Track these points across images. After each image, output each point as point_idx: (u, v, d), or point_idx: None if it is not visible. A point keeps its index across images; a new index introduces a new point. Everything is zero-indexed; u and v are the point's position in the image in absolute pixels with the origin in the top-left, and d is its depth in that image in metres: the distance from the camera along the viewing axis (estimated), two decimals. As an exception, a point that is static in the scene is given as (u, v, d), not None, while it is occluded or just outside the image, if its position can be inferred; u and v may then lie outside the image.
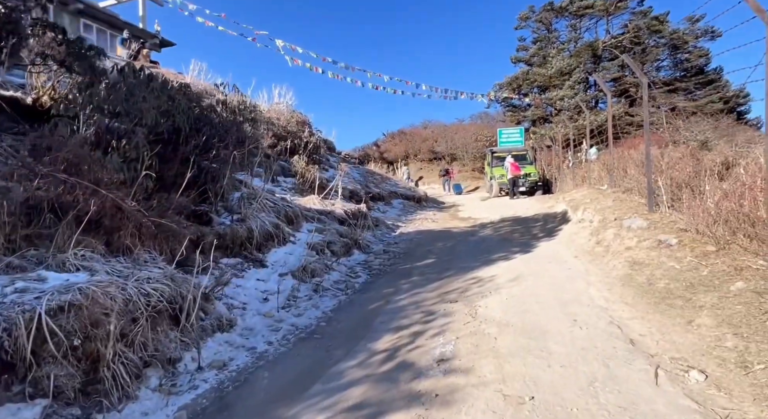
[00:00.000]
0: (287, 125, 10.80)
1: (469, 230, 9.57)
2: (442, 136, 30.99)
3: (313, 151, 11.16)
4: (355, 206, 9.11)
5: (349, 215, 8.56)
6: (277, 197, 7.27)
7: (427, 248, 7.50)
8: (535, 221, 9.69)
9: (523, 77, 31.28)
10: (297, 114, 11.60)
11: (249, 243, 5.35)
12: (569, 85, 29.10)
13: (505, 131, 23.24)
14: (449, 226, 10.45)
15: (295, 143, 10.34)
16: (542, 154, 22.33)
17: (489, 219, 11.07)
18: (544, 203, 12.33)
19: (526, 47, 33.06)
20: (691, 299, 3.49)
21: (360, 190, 11.10)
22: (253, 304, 4.28)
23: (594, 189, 9.57)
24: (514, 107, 33.65)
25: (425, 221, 11.19)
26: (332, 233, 6.78)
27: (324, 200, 8.61)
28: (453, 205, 16.66)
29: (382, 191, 13.28)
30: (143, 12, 24.72)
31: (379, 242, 8.09)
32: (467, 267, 5.75)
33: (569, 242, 6.74)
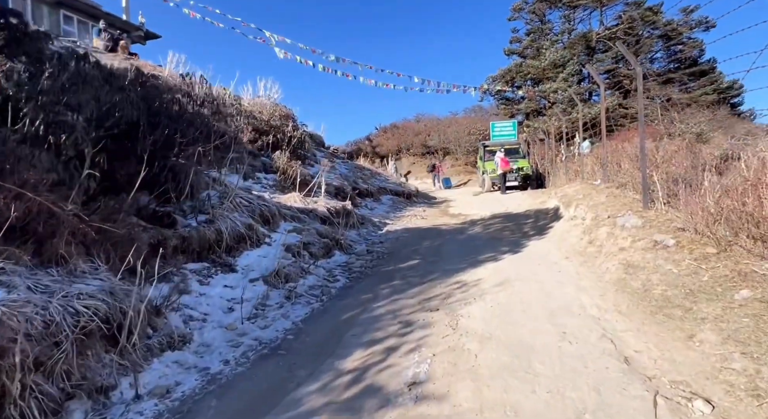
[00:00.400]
0: (270, 119, 10.37)
1: (459, 227, 9.24)
2: (435, 130, 30.59)
3: (297, 146, 10.75)
4: (340, 204, 8.73)
5: (333, 213, 8.19)
6: (254, 195, 6.88)
7: (413, 248, 7.16)
8: (526, 217, 9.38)
9: (517, 69, 30.89)
10: (280, 107, 11.16)
11: (217, 246, 4.97)
12: (563, 77, 28.75)
13: (498, 125, 22.88)
14: (438, 223, 10.12)
15: (278, 138, 9.92)
16: (536, 147, 22.03)
17: (479, 216, 10.74)
18: (537, 199, 12.01)
19: (520, 39, 32.64)
20: (692, 309, 3.17)
21: (346, 186, 10.72)
22: (216, 315, 3.92)
23: (587, 184, 9.26)
24: (508, 100, 33.29)
25: (414, 218, 10.84)
26: (312, 234, 6.41)
27: (306, 198, 8.23)
28: (444, 200, 16.33)
29: (371, 187, 12.90)
30: (126, 3, 24.03)
31: (364, 241, 7.73)
32: (453, 270, 5.42)
33: (560, 241, 6.42)
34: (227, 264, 4.89)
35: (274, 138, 9.74)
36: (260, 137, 9.59)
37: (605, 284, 4.20)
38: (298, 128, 11.24)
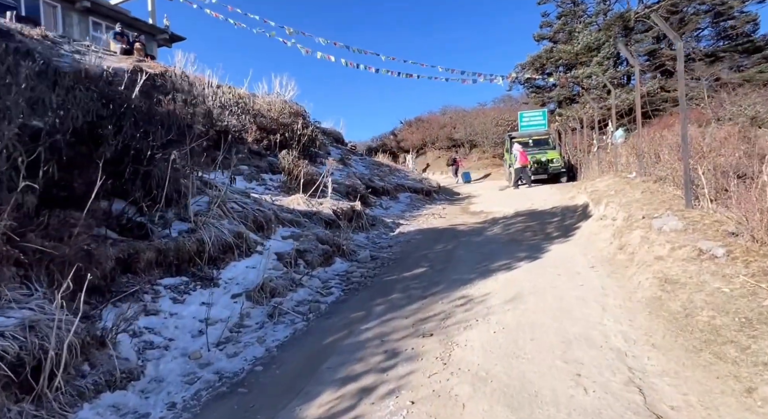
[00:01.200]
0: (279, 116, 10.00)
1: (477, 227, 8.56)
2: (461, 122, 29.57)
3: (307, 144, 10.34)
4: (348, 205, 8.25)
5: (339, 215, 7.72)
6: (250, 198, 6.49)
7: (423, 253, 6.58)
8: (552, 215, 8.57)
9: (547, 55, 29.30)
10: (290, 104, 10.78)
11: (199, 258, 4.59)
12: (597, 61, 26.98)
13: (527, 114, 21.70)
14: (456, 222, 9.45)
15: (286, 137, 9.54)
16: (567, 137, 20.74)
17: (502, 213, 9.99)
18: (566, 194, 11.10)
19: (550, 23, 30.94)
20: (749, 347, 2.46)
21: (359, 185, 10.23)
22: (182, 340, 3.52)
23: (620, 178, 8.33)
24: (538, 88, 31.72)
25: (431, 218, 10.22)
26: (310, 239, 5.95)
27: (312, 199, 7.79)
28: (467, 196, 15.56)
29: (388, 184, 12.36)
30: (152, 7, 24.44)
31: (371, 245, 7.21)
32: (460, 280, 4.81)
33: (587, 245, 5.65)
34: (209, 278, 4.50)
35: (281, 137, 9.37)
36: (267, 136, 9.23)
37: (636, 304, 3.48)
38: (308, 125, 10.82)
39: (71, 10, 20.22)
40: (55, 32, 16.13)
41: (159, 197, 4.41)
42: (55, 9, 19.95)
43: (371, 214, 9.12)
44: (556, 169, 16.25)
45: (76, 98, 3.48)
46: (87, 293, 3.52)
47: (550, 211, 9.11)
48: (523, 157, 15.95)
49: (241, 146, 8.44)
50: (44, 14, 19.23)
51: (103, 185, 3.80)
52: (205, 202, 5.48)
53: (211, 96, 8.61)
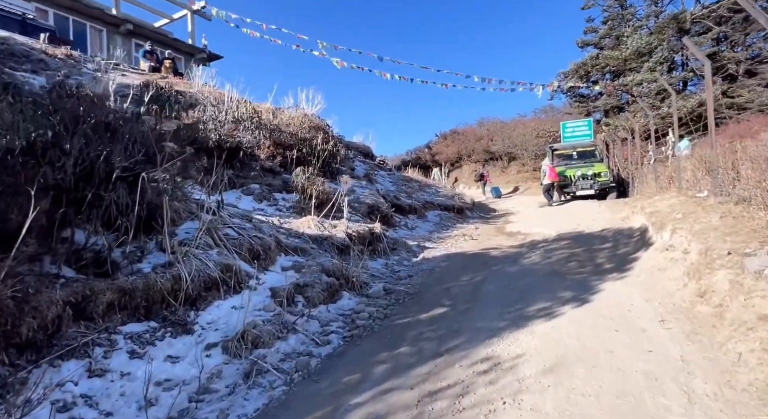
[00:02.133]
0: (298, 131, 9.45)
1: (512, 253, 7.49)
2: (499, 134, 28.29)
3: (329, 159, 9.70)
4: (366, 227, 7.46)
5: (354, 239, 6.94)
6: (253, 222, 5.84)
7: (446, 286, 5.63)
8: (601, 240, 7.36)
9: (592, 62, 27.56)
10: (311, 118, 10.22)
11: (174, 298, 3.92)
12: (649, 66, 25.00)
13: (570, 125, 20.20)
14: (489, 246, 8.41)
15: (304, 152, 8.93)
16: (616, 149, 19.06)
17: (542, 236, 8.85)
18: (617, 213, 9.77)
19: (595, 29, 29.23)
20: None
21: (382, 203, 9.43)
22: (124, 414, 2.80)
23: (687, 197, 7.03)
24: (582, 97, 29.91)
25: (461, 240, 9.22)
26: (314, 271, 5.18)
27: (325, 221, 7.07)
28: (504, 214, 14.37)
29: (416, 201, 11.49)
30: (192, 28, 25.21)
31: (387, 275, 6.35)
32: (486, 330, 3.86)
33: (650, 286, 4.51)
34: (182, 322, 3.80)
35: (299, 152, 8.77)
36: (283, 152, 8.66)
37: (742, 396, 2.41)
38: (330, 139, 10.20)
39: (115, 34, 21.14)
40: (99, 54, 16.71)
41: (126, 225, 3.80)
42: (100, 33, 20.89)
43: (393, 236, 8.28)
44: (605, 184, 14.76)
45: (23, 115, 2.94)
46: (18, 351, 2.90)
47: (599, 235, 7.89)
48: (552, 173, 15.13)
49: (254, 163, 7.90)
50: (90, 38, 20.18)
51: (53, 213, 3.21)
52: (197, 228, 4.86)
53: (225, 111, 8.18)
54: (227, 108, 8.32)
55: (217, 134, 7.47)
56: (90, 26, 20.34)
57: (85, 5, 19.72)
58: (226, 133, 7.51)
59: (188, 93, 9.42)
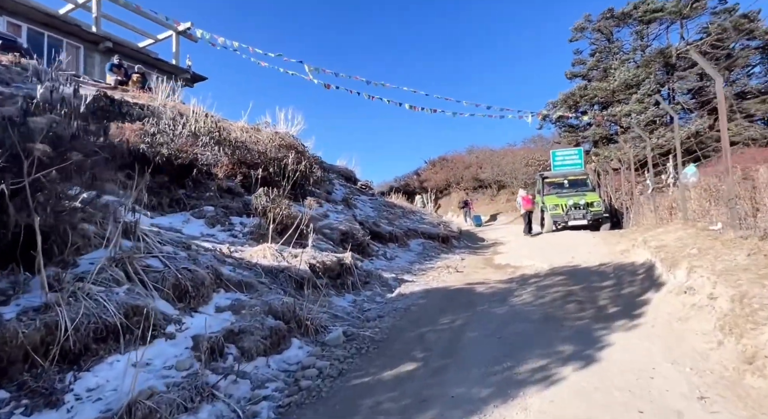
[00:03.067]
0: (267, 149, 8.60)
1: (501, 289, 6.56)
2: (488, 162, 27.86)
3: (300, 181, 8.83)
4: (335, 257, 6.50)
5: (319, 271, 5.97)
6: (191, 250, 4.86)
7: (421, 331, 4.66)
8: (601, 277, 6.49)
9: (581, 93, 27.63)
10: (282, 136, 9.41)
11: (45, 354, 2.90)
12: (637, 98, 25.01)
13: (560, 153, 19.78)
14: (475, 280, 7.49)
15: (270, 172, 8.05)
16: (607, 178, 18.56)
17: (534, 269, 7.97)
18: (615, 245, 8.97)
19: (583, 61, 29.52)
20: None
21: (358, 230, 8.51)
22: None
23: (696, 229, 6.24)
24: (571, 127, 29.85)
25: (444, 272, 8.29)
26: (257, 312, 4.19)
27: (286, 250, 6.11)
28: (493, 243, 13.52)
29: (397, 229, 10.59)
30: (176, 48, 24.78)
31: (354, 316, 5.36)
32: (463, 402, 2.89)
33: (673, 343, 3.59)
34: (48, 391, 2.77)
35: (264, 172, 7.87)
36: (248, 172, 7.77)
37: None
38: (304, 159, 9.36)
39: (94, 51, 20.52)
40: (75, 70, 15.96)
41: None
42: (77, 50, 20.25)
43: (367, 268, 7.32)
44: (598, 214, 14.06)
45: None
46: None
47: (597, 270, 7.03)
48: (526, 201, 15.46)
49: (211, 183, 6.98)
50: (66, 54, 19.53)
51: None
52: (102, 257, 3.87)
53: (182, 124, 7.33)
54: (184, 122, 7.47)
55: (168, 148, 6.58)
56: (66, 43, 19.67)
57: (61, 21, 19.14)
58: (178, 147, 6.62)
59: (148, 106, 8.59)
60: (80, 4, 21.17)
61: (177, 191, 6.55)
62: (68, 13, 21.28)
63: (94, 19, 21.05)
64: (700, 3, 25.81)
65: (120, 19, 22.44)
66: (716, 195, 6.16)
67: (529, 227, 15.27)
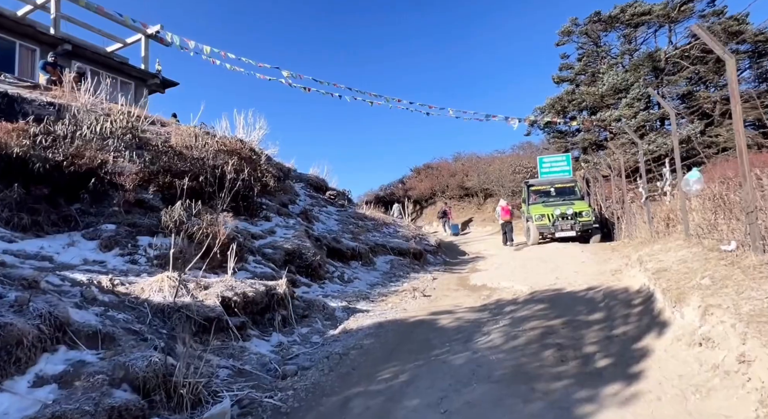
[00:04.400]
0: (203, 154, 7.37)
1: (468, 323, 5.36)
2: (474, 169, 26.81)
3: (245, 191, 7.61)
4: (263, 287, 5.26)
5: (237, 307, 4.73)
6: (42, 286, 3.60)
7: (347, 395, 3.44)
8: (589, 307, 5.31)
9: (569, 98, 26.80)
10: (223, 139, 8.19)
11: None
12: (627, 103, 24.20)
13: (547, 159, 18.78)
14: (441, 307, 6.30)
15: (201, 182, 6.81)
16: (597, 186, 17.55)
17: (512, 292, 6.81)
18: (605, 262, 7.84)
19: (571, 65, 28.77)
20: None
21: (309, 249, 7.27)
22: None
23: (702, 248, 5.11)
24: (560, 133, 28.98)
25: (408, 297, 7.07)
26: (98, 383, 2.93)
27: (193, 280, 4.87)
28: (474, 258, 12.34)
29: (362, 244, 9.38)
30: (145, 52, 23.52)
31: (269, 369, 4.11)
32: None
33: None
34: None
35: (193, 181, 6.63)
36: (172, 181, 6.52)
37: None
38: (252, 166, 8.14)
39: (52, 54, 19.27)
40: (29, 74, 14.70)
41: None
42: (33, 52, 18.96)
43: (310, 296, 6.09)
44: (587, 224, 12.98)
45: None
46: None
47: (584, 297, 5.86)
48: (504, 212, 15.51)
49: (118, 194, 5.72)
50: (20, 58, 18.21)
51: None
52: None
53: (88, 124, 6.10)
54: (92, 122, 6.23)
55: (62, 153, 5.33)
56: (20, 45, 18.36)
57: (13, 21, 17.89)
58: (73, 152, 5.37)
59: (67, 106, 7.35)
60: (39, 5, 19.95)
61: (68, 206, 5.29)
62: (27, 14, 20.07)
63: (53, 20, 19.81)
64: (688, 6, 25.23)
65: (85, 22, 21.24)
66: (725, 206, 5.06)
67: (507, 238, 14.98)
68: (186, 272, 4.81)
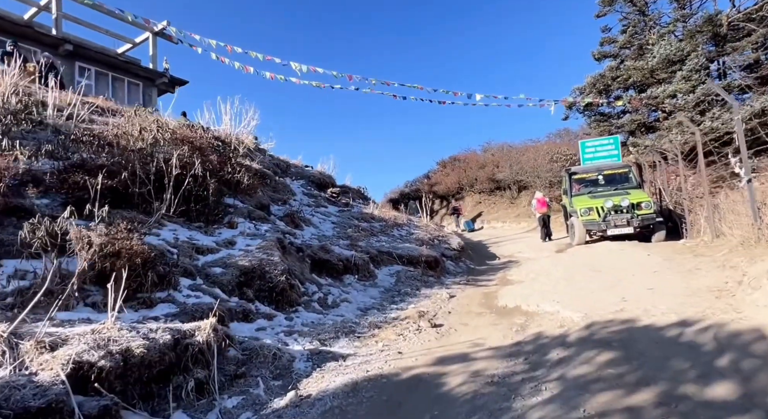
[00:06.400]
0: (138, 146, 5.67)
1: (493, 385, 3.32)
2: (506, 159, 24.23)
3: (199, 190, 5.86)
4: (168, 336, 3.43)
5: (110, 376, 2.92)
6: None
7: None
8: (700, 365, 3.13)
9: (612, 75, 23.72)
10: (173, 125, 6.47)
11: None
12: (683, 75, 20.92)
13: (590, 143, 16.15)
14: (454, 349, 4.28)
15: (125, 181, 5.09)
16: (655, 173, 14.78)
17: (557, 323, 4.70)
18: (691, 274, 5.55)
19: (613, 39, 25.58)
20: None
21: (276, 265, 5.41)
22: None
23: None
24: (603, 116, 25.85)
25: (411, 329, 5.07)
26: None
27: (42, 332, 3.11)
28: (505, 263, 10.13)
29: (361, 253, 7.44)
30: (153, 51, 22.59)
31: None
32: None
33: None
34: None
35: (113, 180, 4.90)
36: (84, 180, 4.83)
37: None
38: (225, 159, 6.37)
39: (54, 55, 18.52)
40: None
41: None
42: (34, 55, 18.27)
43: (257, 341, 4.20)
44: (648, 218, 10.47)
45: None
46: None
47: (679, 339, 3.67)
48: (542, 204, 14.48)
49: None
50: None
51: None
52: None
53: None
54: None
55: None
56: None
57: (8, 22, 17.22)
58: None
59: None
60: (42, 7, 19.31)
61: None
62: (33, 17, 19.51)
63: (54, 20, 19.11)
64: (754, -41, 21.59)
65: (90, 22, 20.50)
66: None
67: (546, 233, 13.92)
68: (29, 320, 3.04)
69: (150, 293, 4.11)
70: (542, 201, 14.72)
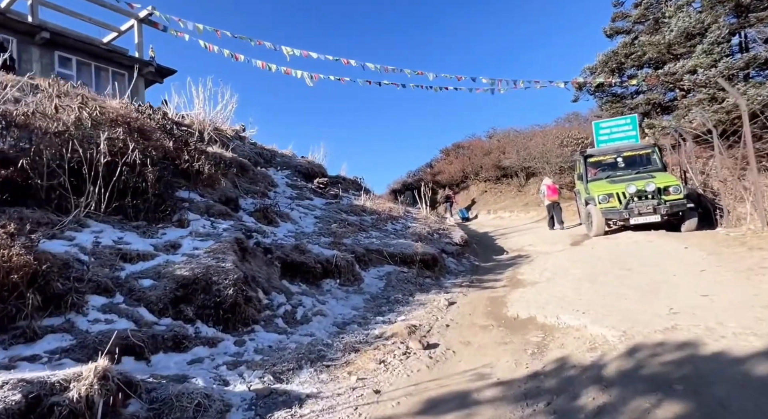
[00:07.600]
0: (60, 129, 4.55)
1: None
2: (512, 145, 22.84)
3: (137, 181, 4.74)
4: (19, 394, 2.32)
5: None
6: None
7: None
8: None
9: (626, 52, 22.14)
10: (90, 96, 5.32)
11: None
12: (703, 49, 19.34)
13: (605, 124, 14.74)
14: (450, 387, 3.13)
15: (27, 170, 3.98)
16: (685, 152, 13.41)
17: (587, 345, 3.53)
18: (748, 272, 4.33)
19: (626, 13, 23.92)
20: None
21: (227, 272, 4.29)
22: None
23: None
24: (615, 96, 24.30)
25: (397, 352, 3.94)
26: None
27: None
28: (514, 258, 8.93)
29: (345, 252, 6.29)
30: (139, 39, 21.33)
31: None
32: None
33: None
34: None
35: (7, 171, 3.79)
36: None
37: None
38: (181, 145, 5.23)
39: (30, 44, 17.34)
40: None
41: None
42: (7, 43, 17.15)
43: (175, 388, 3.09)
44: (678, 205, 9.19)
45: None
46: None
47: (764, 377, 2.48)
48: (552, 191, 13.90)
49: None
50: (-7, 50, 16.49)
51: None
52: None
53: None
54: None
55: None
56: (-9, 35, 16.57)
57: (-26, 8, 16.14)
58: None
59: None
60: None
61: None
62: (9, 5, 18.39)
63: (30, 7, 17.92)
64: None
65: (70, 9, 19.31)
66: None
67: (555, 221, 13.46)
68: None
69: (32, 320, 3.01)
70: (552, 188, 13.95)
